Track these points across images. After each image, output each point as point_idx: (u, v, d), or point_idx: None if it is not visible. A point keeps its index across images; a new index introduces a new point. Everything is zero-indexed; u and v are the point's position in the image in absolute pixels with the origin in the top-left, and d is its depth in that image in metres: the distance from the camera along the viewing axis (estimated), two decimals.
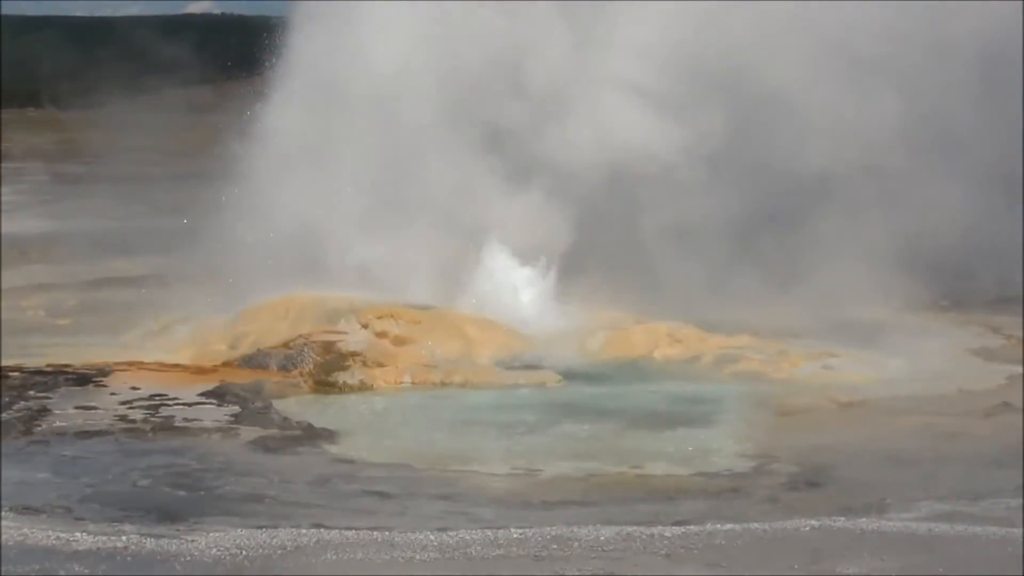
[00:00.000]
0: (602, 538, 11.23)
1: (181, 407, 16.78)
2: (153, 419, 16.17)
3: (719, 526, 11.59)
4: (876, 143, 22.65)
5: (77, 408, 16.59)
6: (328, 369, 19.01)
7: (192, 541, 11.01)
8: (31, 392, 17.32)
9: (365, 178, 22.39)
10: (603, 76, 22.42)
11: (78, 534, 11.13)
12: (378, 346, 19.74)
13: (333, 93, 22.81)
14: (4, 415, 16.02)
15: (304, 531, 11.37)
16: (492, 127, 22.18)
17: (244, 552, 10.80)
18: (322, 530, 11.45)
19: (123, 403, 16.93)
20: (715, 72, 22.46)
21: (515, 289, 22.07)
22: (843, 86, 22.73)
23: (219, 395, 17.47)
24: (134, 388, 17.72)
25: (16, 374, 18.28)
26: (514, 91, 22.09)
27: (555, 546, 11.04)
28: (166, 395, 17.36)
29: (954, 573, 10.62)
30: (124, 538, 11.05)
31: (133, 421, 16.04)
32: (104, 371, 18.65)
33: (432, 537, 11.18)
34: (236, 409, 16.73)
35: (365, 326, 20.32)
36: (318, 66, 23.08)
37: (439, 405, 17.56)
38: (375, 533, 11.36)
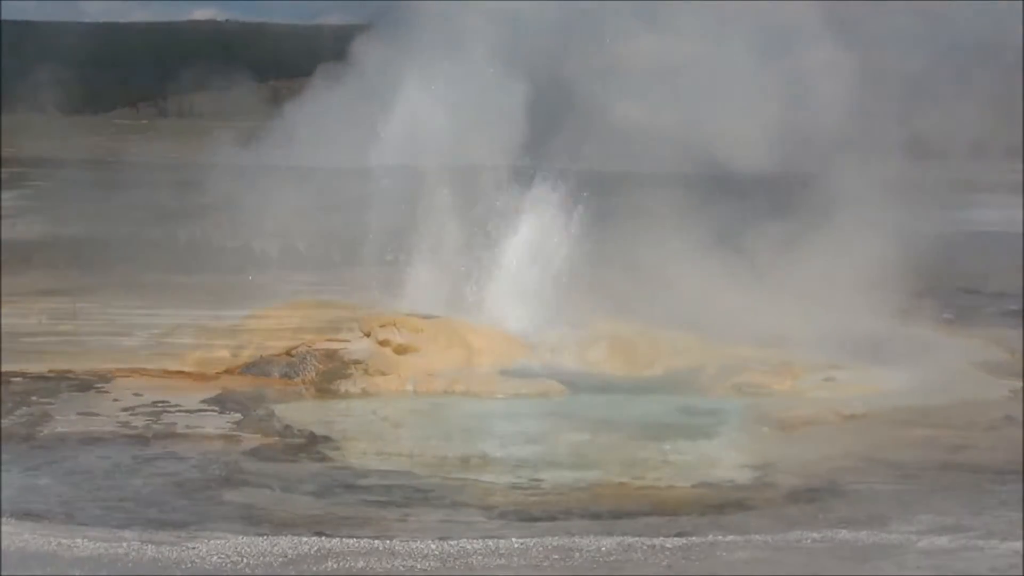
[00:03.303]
0: (603, 548, 11.20)
1: (183, 414, 16.77)
2: (155, 426, 16.16)
3: (720, 537, 11.56)
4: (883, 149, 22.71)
5: (79, 414, 16.59)
6: (330, 377, 19.02)
7: (192, 548, 10.98)
8: (33, 398, 17.32)
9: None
10: None
11: (79, 540, 11.11)
12: (380, 354, 19.75)
13: None
14: (6, 421, 16.01)
15: (305, 539, 11.35)
16: None
17: (245, 560, 10.78)
18: (323, 538, 11.42)
19: (125, 409, 16.92)
20: None
21: (519, 297, 22.10)
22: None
23: (221, 402, 17.48)
24: (136, 394, 17.72)
25: (18, 379, 18.29)
26: None
27: (556, 556, 11.02)
28: (168, 402, 17.36)
29: None
30: (125, 544, 11.02)
31: (135, 427, 16.03)
32: (106, 377, 18.68)
33: (433, 546, 11.16)
34: (238, 416, 16.72)
35: (368, 334, 20.34)
36: None
37: (441, 414, 17.55)
38: (376, 541, 11.33)
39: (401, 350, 19.89)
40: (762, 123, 22.22)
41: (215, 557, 10.79)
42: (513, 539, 11.41)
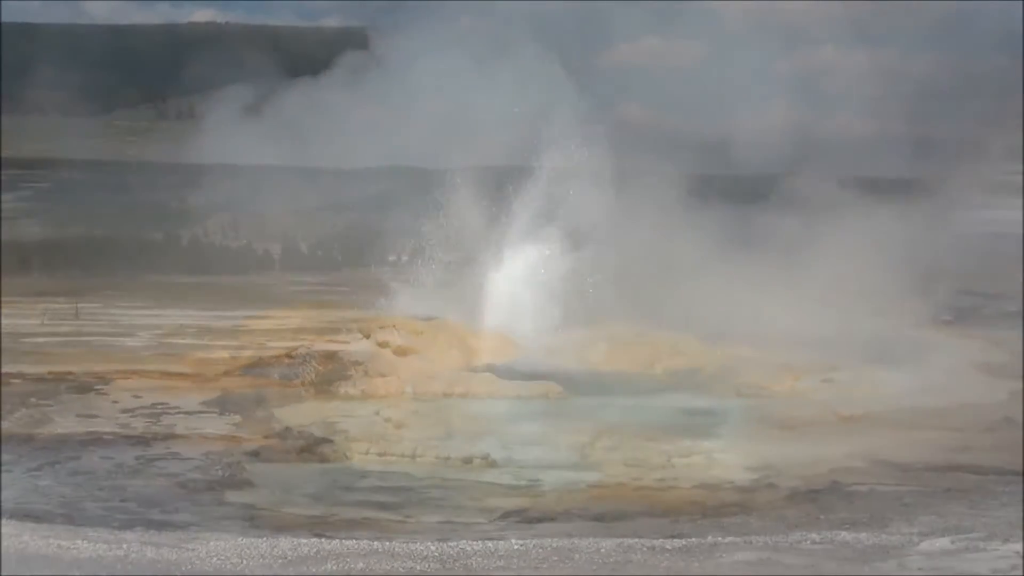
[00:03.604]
0: (602, 550, 11.17)
1: (183, 416, 16.75)
2: (155, 428, 16.13)
3: (720, 539, 11.52)
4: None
5: (79, 416, 16.56)
6: (330, 379, 19.01)
7: (192, 550, 10.95)
8: (32, 399, 17.30)
9: None
10: None
11: (79, 542, 11.08)
12: (380, 356, 19.76)
13: None
14: (5, 422, 15.99)
15: (304, 540, 11.32)
16: None
17: (245, 561, 10.74)
18: (323, 539, 11.40)
19: (124, 411, 16.90)
20: None
21: (520, 298, 22.11)
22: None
23: (221, 404, 17.45)
24: (136, 396, 17.70)
25: (17, 381, 18.27)
26: None
27: (555, 557, 10.98)
28: (167, 404, 17.34)
29: None
30: (124, 546, 10.99)
31: (135, 429, 16.00)
32: (105, 379, 18.66)
33: (433, 547, 11.12)
34: (237, 418, 16.69)
35: (368, 336, 20.35)
36: None
37: (440, 415, 17.51)
38: (376, 543, 11.30)
39: (401, 352, 19.91)
40: (768, 123, 22.26)
41: (215, 559, 10.76)
42: (512, 540, 11.38)
